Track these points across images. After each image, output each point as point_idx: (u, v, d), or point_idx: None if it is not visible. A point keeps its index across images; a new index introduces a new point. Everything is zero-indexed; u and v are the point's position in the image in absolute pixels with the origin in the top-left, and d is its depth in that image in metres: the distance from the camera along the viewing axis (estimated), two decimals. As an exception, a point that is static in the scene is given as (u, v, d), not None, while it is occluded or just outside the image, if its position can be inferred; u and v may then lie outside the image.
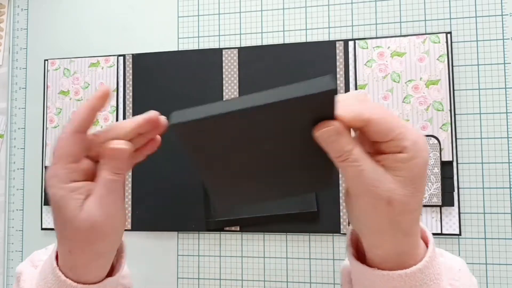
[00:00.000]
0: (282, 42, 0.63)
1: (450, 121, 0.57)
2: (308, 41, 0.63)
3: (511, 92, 0.57)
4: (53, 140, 0.67)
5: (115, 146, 0.31)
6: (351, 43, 0.61)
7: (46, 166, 0.67)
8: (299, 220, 0.60)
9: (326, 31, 0.63)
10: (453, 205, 0.57)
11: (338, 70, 0.61)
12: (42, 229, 0.67)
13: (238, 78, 0.63)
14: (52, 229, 0.66)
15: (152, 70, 0.66)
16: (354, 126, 0.27)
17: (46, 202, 0.67)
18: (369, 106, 0.27)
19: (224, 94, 0.63)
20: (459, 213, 0.57)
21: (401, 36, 0.60)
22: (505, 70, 0.58)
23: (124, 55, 0.67)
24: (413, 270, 0.29)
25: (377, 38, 0.60)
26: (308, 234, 0.60)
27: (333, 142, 0.27)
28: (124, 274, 0.37)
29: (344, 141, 0.27)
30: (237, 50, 0.64)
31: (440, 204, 0.57)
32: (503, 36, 0.58)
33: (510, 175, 0.56)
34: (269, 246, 0.61)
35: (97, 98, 0.33)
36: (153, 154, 0.40)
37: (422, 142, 0.28)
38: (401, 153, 0.27)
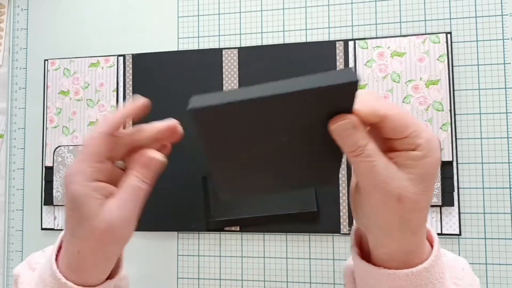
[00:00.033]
0: (282, 42, 0.63)
1: (450, 121, 0.57)
2: (308, 41, 0.63)
3: (511, 92, 0.57)
4: (53, 140, 0.67)
5: (153, 156, 0.33)
6: (351, 43, 0.61)
7: (46, 166, 0.67)
8: (299, 220, 0.60)
9: (326, 31, 0.63)
10: (453, 205, 0.57)
11: (338, 70, 0.61)
12: (42, 229, 0.67)
13: (238, 78, 0.63)
14: (52, 229, 0.66)
15: (152, 70, 0.66)
16: (370, 121, 0.27)
17: (46, 202, 0.67)
18: (384, 102, 0.28)
19: (224, 94, 0.63)
20: (459, 213, 0.57)
21: (401, 36, 0.60)
22: (505, 70, 0.58)
23: (124, 55, 0.67)
24: (419, 269, 0.29)
25: (377, 38, 0.60)
26: (308, 234, 0.60)
27: (348, 136, 0.27)
28: (122, 276, 0.37)
29: (359, 135, 0.27)
30: (237, 50, 0.64)
31: (440, 204, 0.57)
32: (503, 36, 0.58)
33: (510, 175, 0.56)
34: (269, 246, 0.61)
35: (134, 107, 0.34)
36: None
37: (435, 141, 0.28)
38: (414, 150, 0.27)
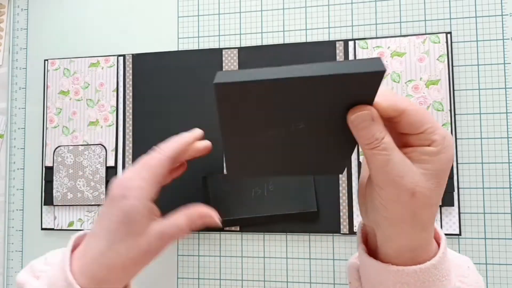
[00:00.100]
0: (282, 42, 0.63)
1: (450, 121, 0.57)
2: (308, 41, 0.63)
3: (511, 92, 0.57)
4: (53, 140, 0.67)
5: (215, 220, 0.38)
6: (351, 43, 0.61)
7: (46, 166, 0.67)
8: (299, 220, 0.60)
9: (326, 31, 0.63)
10: (453, 205, 0.57)
11: (338, 70, 0.61)
12: (42, 229, 0.67)
13: (238, 78, 0.63)
14: (52, 229, 0.66)
15: (152, 70, 0.66)
16: (388, 115, 0.27)
17: (46, 202, 0.67)
18: (402, 98, 0.28)
19: (224, 94, 0.63)
20: (459, 213, 0.57)
21: (401, 36, 0.60)
22: (505, 70, 0.58)
23: (124, 55, 0.67)
24: (427, 266, 0.29)
25: (377, 38, 0.60)
26: (308, 234, 0.60)
27: (365, 128, 0.27)
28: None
29: (376, 128, 0.27)
30: (237, 50, 0.64)
31: (440, 204, 0.56)
32: (503, 36, 0.58)
33: (510, 175, 0.56)
34: (269, 246, 0.61)
35: (193, 136, 0.40)
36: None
37: (450, 138, 0.29)
38: (429, 146, 0.28)
